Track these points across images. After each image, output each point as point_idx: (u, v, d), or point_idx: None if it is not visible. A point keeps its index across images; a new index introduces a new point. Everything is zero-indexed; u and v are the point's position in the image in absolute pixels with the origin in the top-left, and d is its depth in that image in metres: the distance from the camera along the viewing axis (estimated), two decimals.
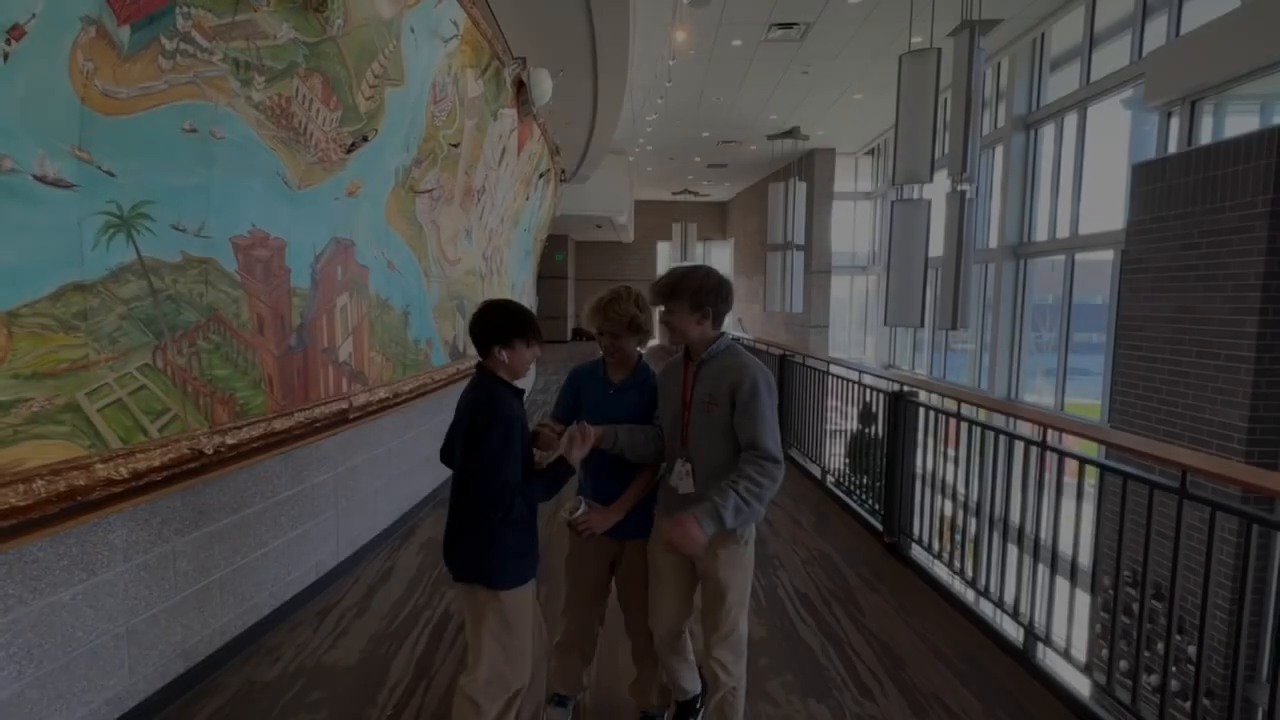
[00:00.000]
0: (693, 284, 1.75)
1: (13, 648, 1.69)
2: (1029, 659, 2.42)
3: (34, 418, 1.72)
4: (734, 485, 1.65)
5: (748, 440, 1.71)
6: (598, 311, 1.90)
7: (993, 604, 2.72)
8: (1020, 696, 2.28)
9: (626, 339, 1.90)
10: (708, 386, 1.76)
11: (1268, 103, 5.95)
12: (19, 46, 1.60)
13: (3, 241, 1.63)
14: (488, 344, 1.73)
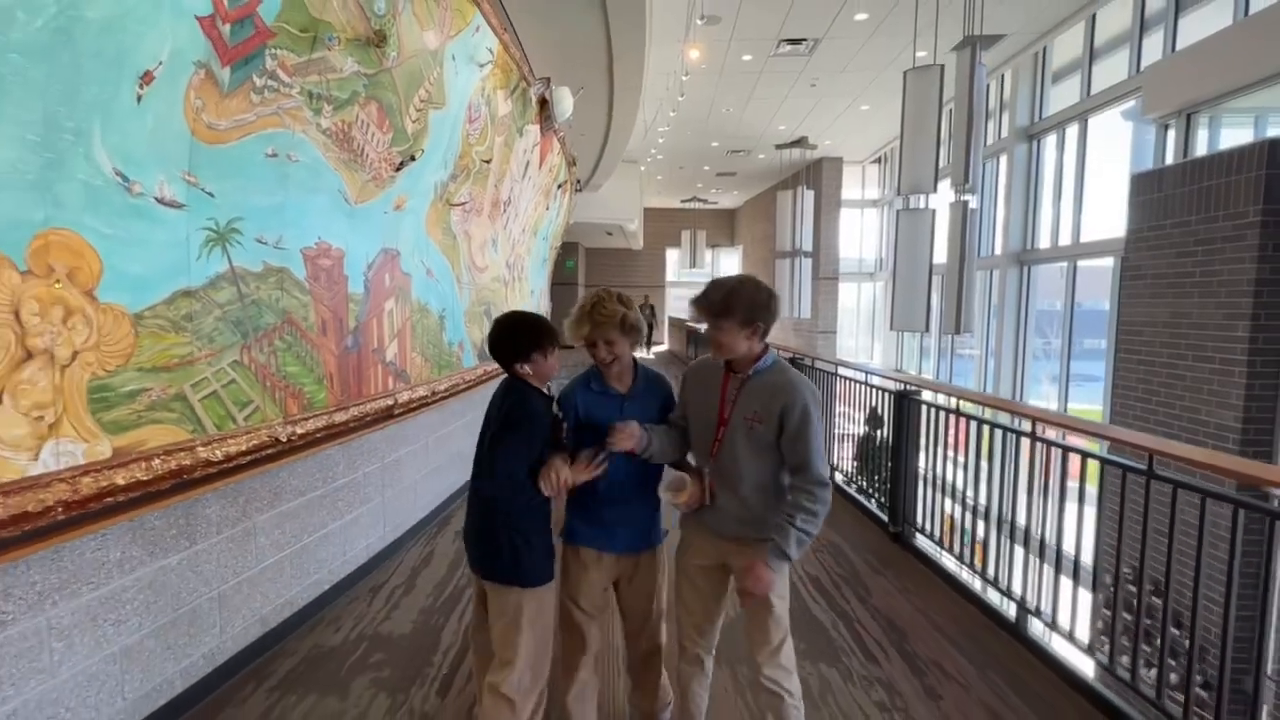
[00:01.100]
0: (744, 299, 1.68)
1: (136, 602, 1.97)
2: (1020, 631, 2.65)
3: (152, 405, 2.00)
4: (790, 521, 1.63)
5: (798, 464, 1.67)
6: (583, 319, 1.76)
7: (987, 583, 2.96)
8: (1011, 663, 2.51)
9: (621, 341, 1.76)
10: (754, 403, 1.70)
11: (1261, 115, 6.17)
12: (148, 89, 1.89)
13: (132, 255, 1.92)
14: (509, 364, 1.75)
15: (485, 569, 1.77)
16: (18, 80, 1.55)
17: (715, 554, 1.81)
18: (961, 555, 3.22)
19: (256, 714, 2.16)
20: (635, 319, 1.79)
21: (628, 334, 1.77)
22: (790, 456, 1.69)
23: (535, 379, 1.77)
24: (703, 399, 1.81)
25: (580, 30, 5.41)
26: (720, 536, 1.79)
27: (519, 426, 1.69)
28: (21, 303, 1.63)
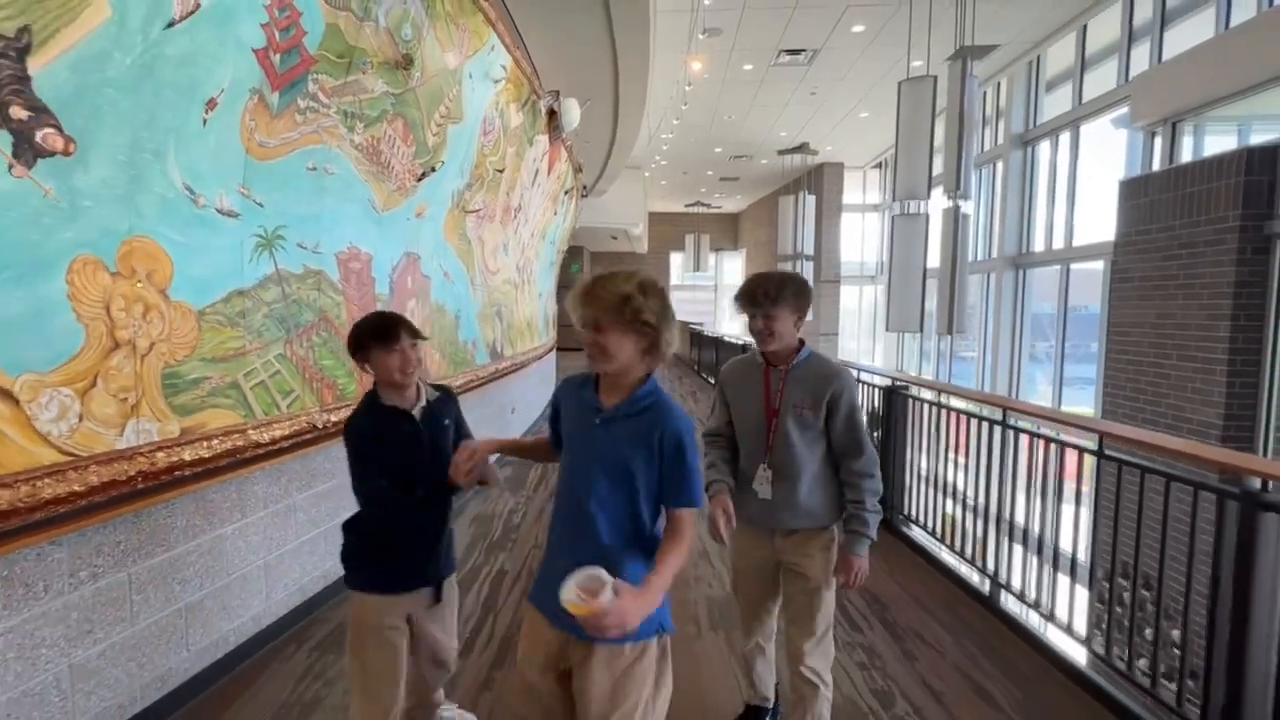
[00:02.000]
0: (794, 287, 1.71)
1: (198, 565, 2.22)
2: (993, 603, 2.88)
3: (212, 391, 2.26)
4: (863, 507, 1.69)
5: (852, 447, 1.70)
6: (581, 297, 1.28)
7: (964, 561, 3.19)
8: (984, 631, 2.74)
9: (614, 335, 1.22)
10: (801, 392, 1.71)
11: (1244, 123, 6.38)
12: (212, 114, 2.15)
13: (196, 258, 2.18)
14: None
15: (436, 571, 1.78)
16: (112, 110, 1.82)
17: (768, 552, 1.80)
18: (942, 536, 3.45)
19: (300, 670, 2.41)
20: (651, 314, 1.22)
21: (629, 330, 1.22)
22: (842, 440, 1.71)
23: (381, 385, 1.73)
24: (747, 397, 1.79)
25: (587, 44, 5.68)
26: (775, 532, 1.76)
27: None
28: (111, 300, 1.89)
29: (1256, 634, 1.73)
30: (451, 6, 3.30)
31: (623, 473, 1.27)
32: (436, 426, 1.75)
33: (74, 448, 1.79)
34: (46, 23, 1.62)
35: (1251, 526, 1.71)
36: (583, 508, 1.28)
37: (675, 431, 1.27)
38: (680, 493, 1.28)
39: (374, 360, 1.68)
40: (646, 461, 1.27)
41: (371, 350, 1.67)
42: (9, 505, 1.62)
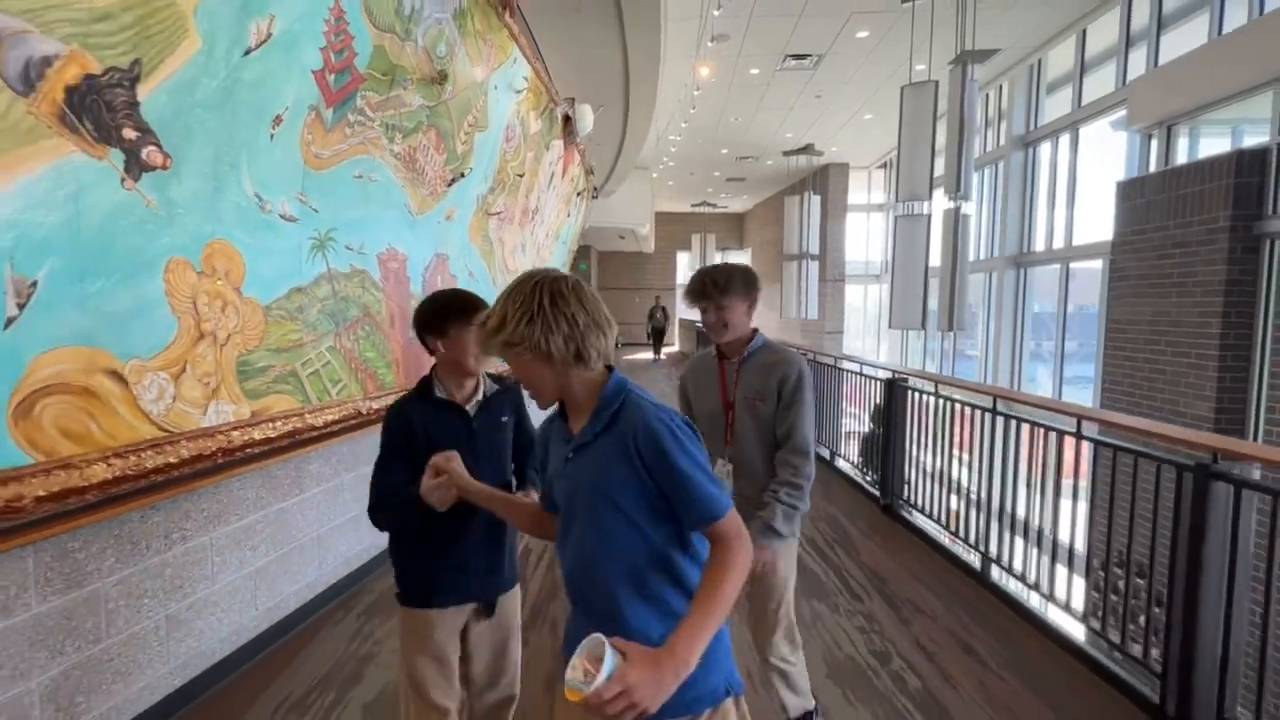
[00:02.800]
0: (740, 275, 1.72)
1: (266, 533, 2.49)
2: (984, 577, 3.11)
3: (276, 378, 2.52)
4: (775, 496, 1.65)
5: (786, 431, 1.68)
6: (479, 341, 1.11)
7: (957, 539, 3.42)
8: (974, 600, 2.97)
9: (523, 370, 1.05)
10: (754, 382, 1.71)
11: (1238, 126, 6.56)
12: (278, 130, 2.41)
13: (264, 259, 2.44)
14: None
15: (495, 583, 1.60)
16: (200, 129, 2.07)
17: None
18: (938, 518, 3.68)
19: (351, 631, 2.67)
20: (519, 333, 1.00)
21: (528, 358, 1.02)
22: (780, 425, 1.69)
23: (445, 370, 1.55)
24: (705, 391, 1.82)
25: (600, 52, 5.92)
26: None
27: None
28: (197, 296, 2.15)
29: (1208, 591, 1.96)
30: (481, 24, 3.55)
31: (607, 502, 1.02)
32: (493, 424, 1.58)
33: (168, 425, 2.05)
34: (152, 55, 1.87)
35: (1203, 494, 1.94)
36: (582, 553, 1.06)
37: (648, 428, 0.99)
38: (688, 505, 0.99)
39: (451, 337, 1.48)
40: (629, 478, 1.00)
41: (451, 326, 1.48)
42: (120, 473, 1.87)
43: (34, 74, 1.61)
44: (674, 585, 1.04)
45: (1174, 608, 2.05)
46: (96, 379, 1.84)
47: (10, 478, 1.62)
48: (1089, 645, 2.47)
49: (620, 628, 0.97)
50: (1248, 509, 1.87)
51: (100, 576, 1.87)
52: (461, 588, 1.55)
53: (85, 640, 1.84)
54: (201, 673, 2.22)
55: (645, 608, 1.03)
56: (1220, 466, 1.94)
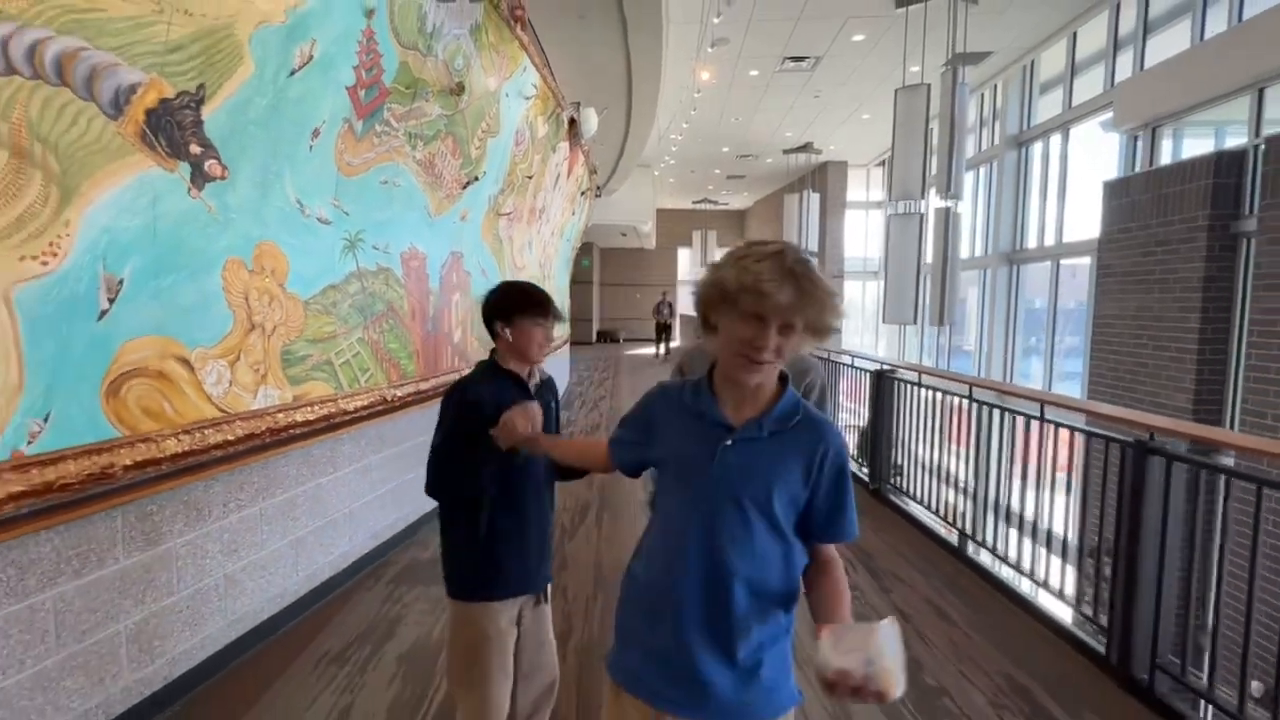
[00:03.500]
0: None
1: (305, 506, 2.75)
2: (961, 552, 3.37)
3: (314, 367, 2.78)
4: None
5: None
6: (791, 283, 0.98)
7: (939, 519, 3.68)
8: (951, 572, 3.23)
9: (799, 338, 1.03)
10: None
11: (1220, 128, 6.78)
12: (316, 141, 2.66)
13: (303, 258, 2.70)
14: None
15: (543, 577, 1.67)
16: (252, 143, 2.33)
17: None
18: (919, 497, 3.94)
19: (381, 597, 2.94)
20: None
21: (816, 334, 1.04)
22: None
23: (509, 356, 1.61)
24: None
25: (604, 58, 6.16)
26: None
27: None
28: (249, 291, 2.41)
29: (1145, 552, 2.21)
30: (494, 36, 3.80)
31: (765, 504, 1.01)
32: (546, 405, 1.61)
33: (226, 406, 2.31)
34: (213, 79, 2.13)
35: (1141, 467, 2.19)
36: (717, 557, 1.01)
37: (840, 451, 1.05)
38: (842, 525, 1.07)
39: (519, 327, 1.56)
40: (798, 488, 1.03)
41: (522, 317, 1.56)
42: (188, 448, 2.14)
43: (122, 100, 1.87)
44: (789, 597, 1.05)
45: (1118, 568, 2.31)
46: (169, 364, 2.10)
47: (104, 448, 1.89)
48: (1048, 607, 2.73)
49: (727, 619, 1.00)
50: (1177, 479, 2.13)
51: (172, 537, 2.14)
52: (522, 578, 1.60)
53: (161, 592, 2.10)
54: (252, 628, 2.49)
55: (773, 611, 1.03)
56: (1155, 443, 2.19)
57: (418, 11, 2.96)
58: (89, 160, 1.82)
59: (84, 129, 1.79)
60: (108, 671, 1.94)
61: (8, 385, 1.65)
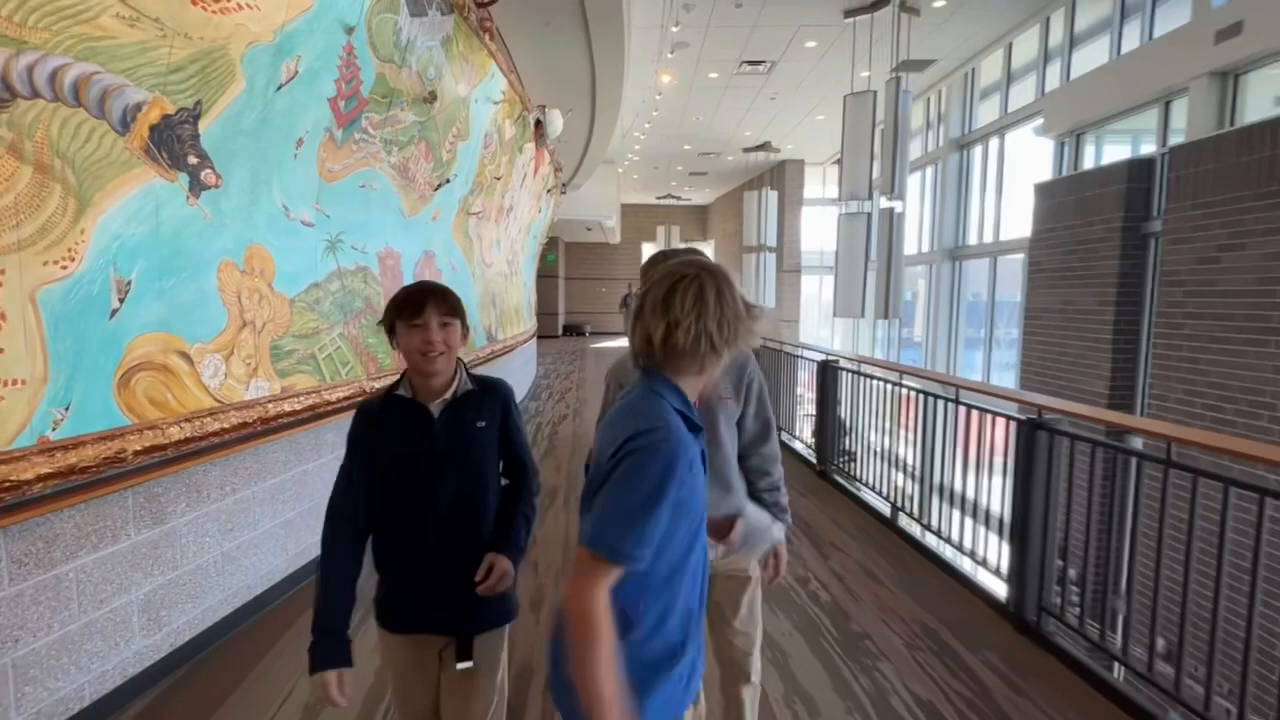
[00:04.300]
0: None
1: (293, 491, 2.95)
2: (893, 523, 3.77)
3: (299, 360, 2.98)
4: (780, 493, 1.62)
5: (764, 429, 1.60)
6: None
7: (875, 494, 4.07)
8: (883, 541, 3.62)
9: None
10: (720, 380, 1.50)
11: (1136, 136, 7.40)
12: (300, 150, 2.85)
13: (289, 259, 2.89)
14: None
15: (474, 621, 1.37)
16: (243, 153, 2.52)
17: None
18: (857, 475, 4.34)
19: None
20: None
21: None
22: (755, 425, 1.59)
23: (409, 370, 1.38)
24: None
25: (569, 62, 6.39)
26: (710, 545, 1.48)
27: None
28: (241, 290, 2.60)
29: (1034, 513, 2.61)
30: (464, 46, 4.00)
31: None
32: (462, 427, 1.36)
33: (221, 397, 2.51)
34: (209, 95, 2.32)
35: (1030, 441, 2.59)
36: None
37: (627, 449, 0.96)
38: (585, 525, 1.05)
39: (400, 336, 1.34)
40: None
41: (398, 323, 1.33)
42: (190, 435, 2.34)
43: (129, 117, 2.06)
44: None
45: (1015, 527, 2.71)
46: (172, 358, 2.29)
47: (116, 435, 2.08)
48: (963, 566, 3.13)
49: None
50: (1059, 451, 2.52)
51: (176, 516, 2.34)
52: (424, 617, 1.36)
53: (167, 567, 2.30)
54: (246, 603, 2.69)
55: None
56: (1043, 420, 2.58)
57: (393, 26, 3.16)
58: (101, 173, 2.00)
59: (97, 145, 1.98)
60: (121, 637, 2.14)
61: (35, 377, 1.84)
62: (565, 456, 5.61)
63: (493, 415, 1.41)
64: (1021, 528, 2.65)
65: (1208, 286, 5.19)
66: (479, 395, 1.40)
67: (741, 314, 0.99)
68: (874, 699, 2.25)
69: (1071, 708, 2.20)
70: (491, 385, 1.44)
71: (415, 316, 1.32)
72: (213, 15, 2.19)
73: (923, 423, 3.62)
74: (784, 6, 7.28)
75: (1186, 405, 5.29)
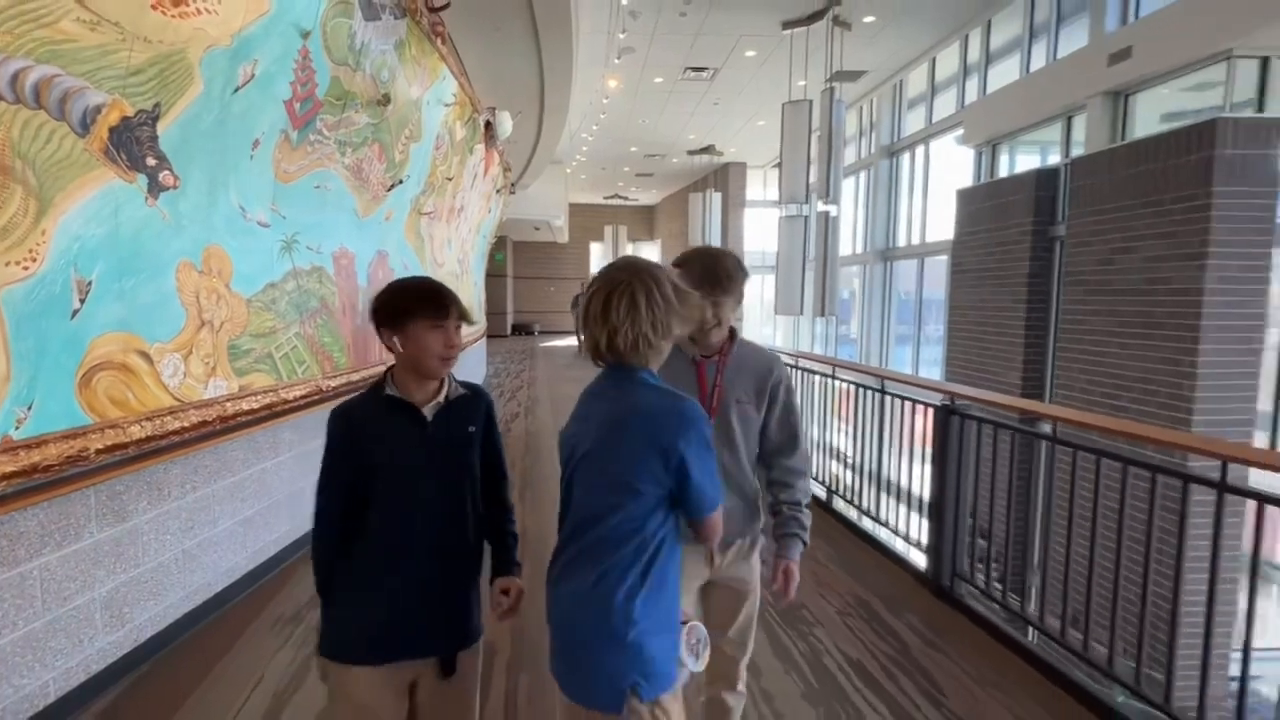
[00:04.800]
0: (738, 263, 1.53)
1: (252, 489, 2.98)
2: (829, 505, 4.08)
3: (257, 359, 3.01)
4: (799, 509, 1.58)
5: (790, 440, 1.56)
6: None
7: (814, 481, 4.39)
8: (823, 527, 3.91)
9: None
10: (744, 384, 1.51)
11: (1045, 147, 8.07)
12: (256, 151, 2.89)
13: (246, 260, 2.92)
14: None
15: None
16: (200, 154, 2.55)
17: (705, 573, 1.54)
18: None
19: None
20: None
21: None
22: (779, 434, 1.56)
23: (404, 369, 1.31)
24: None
25: (518, 65, 6.48)
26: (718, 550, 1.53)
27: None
28: (199, 290, 2.63)
29: (948, 489, 2.93)
30: (416, 50, 4.06)
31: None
32: (455, 433, 1.33)
33: (181, 396, 2.53)
34: (168, 98, 2.35)
35: (945, 425, 2.91)
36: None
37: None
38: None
39: (412, 333, 1.25)
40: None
41: (414, 320, 1.25)
42: (150, 433, 2.36)
43: (89, 119, 2.08)
44: None
45: (933, 504, 3.03)
46: (132, 358, 2.31)
47: (79, 434, 2.10)
48: (890, 542, 3.45)
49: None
50: (970, 434, 2.85)
51: (138, 515, 2.36)
52: (410, 641, 1.27)
53: (129, 564, 2.32)
54: (207, 600, 2.71)
55: None
56: (956, 406, 2.91)
57: (348, 31, 3.22)
58: (62, 174, 2.02)
59: (57, 146, 2.00)
60: (85, 634, 2.16)
61: None
62: (519, 453, 5.71)
63: (479, 420, 1.39)
64: (938, 504, 2.97)
65: (1104, 286, 5.77)
66: (469, 400, 1.37)
67: (674, 305, 1.12)
68: (809, 660, 2.50)
69: (978, 656, 2.52)
70: (478, 390, 1.42)
71: (440, 316, 1.27)
72: (172, 20, 2.23)
73: (854, 413, 3.94)
74: (725, 16, 7.58)
75: (1087, 393, 5.86)
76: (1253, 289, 4.93)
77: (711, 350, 1.54)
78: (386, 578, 1.27)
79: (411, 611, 1.27)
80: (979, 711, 2.20)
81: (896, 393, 3.50)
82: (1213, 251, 4.88)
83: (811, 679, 2.37)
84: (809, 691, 2.30)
